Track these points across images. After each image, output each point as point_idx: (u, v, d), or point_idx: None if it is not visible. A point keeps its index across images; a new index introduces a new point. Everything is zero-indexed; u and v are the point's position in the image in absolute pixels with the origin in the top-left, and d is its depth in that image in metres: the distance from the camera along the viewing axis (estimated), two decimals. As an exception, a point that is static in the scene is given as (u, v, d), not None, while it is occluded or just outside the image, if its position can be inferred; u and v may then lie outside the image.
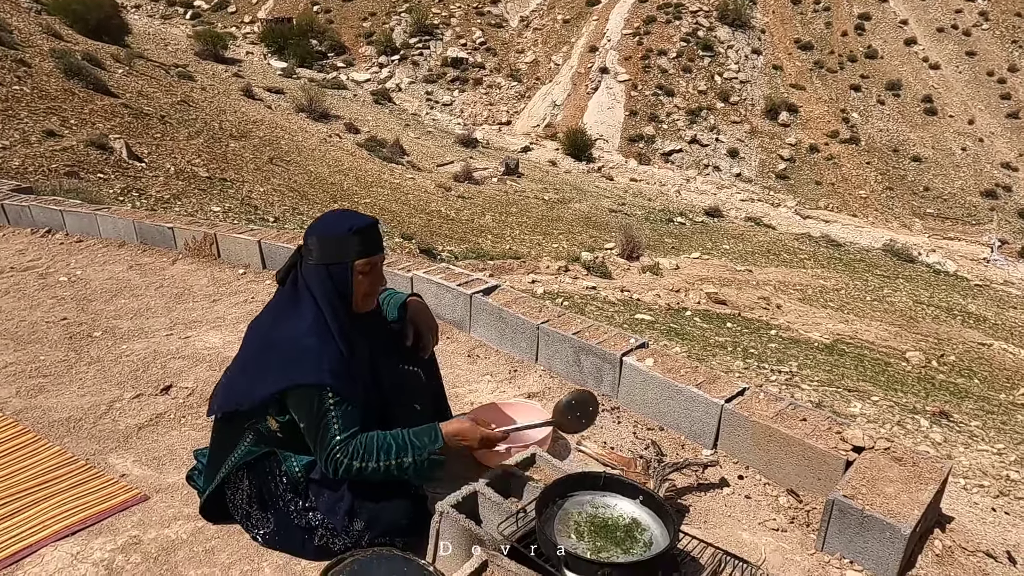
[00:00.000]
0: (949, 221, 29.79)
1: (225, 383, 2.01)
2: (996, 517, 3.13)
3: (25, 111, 11.71)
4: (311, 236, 1.89)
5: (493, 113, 34.88)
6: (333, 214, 1.96)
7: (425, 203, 15.96)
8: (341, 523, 1.88)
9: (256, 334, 1.97)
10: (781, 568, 1.94)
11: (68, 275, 4.58)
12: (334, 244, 1.86)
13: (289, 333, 1.86)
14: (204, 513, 2.08)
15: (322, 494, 1.92)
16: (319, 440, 1.83)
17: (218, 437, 2.03)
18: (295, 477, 1.92)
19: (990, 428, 5.40)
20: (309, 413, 1.82)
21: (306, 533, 1.92)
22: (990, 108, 35.67)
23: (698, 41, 37.43)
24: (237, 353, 2.03)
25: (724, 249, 15.44)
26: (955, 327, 10.52)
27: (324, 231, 1.89)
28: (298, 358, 1.81)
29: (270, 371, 1.84)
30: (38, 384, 2.98)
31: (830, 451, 2.18)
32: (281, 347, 1.85)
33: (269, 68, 30.30)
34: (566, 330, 2.97)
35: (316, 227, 1.92)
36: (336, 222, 1.90)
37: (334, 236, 1.87)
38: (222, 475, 1.99)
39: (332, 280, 1.87)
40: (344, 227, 1.87)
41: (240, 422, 1.94)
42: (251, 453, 1.94)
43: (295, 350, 1.83)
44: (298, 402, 1.83)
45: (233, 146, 15.11)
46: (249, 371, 1.91)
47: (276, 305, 1.97)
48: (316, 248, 1.87)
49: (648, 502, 1.78)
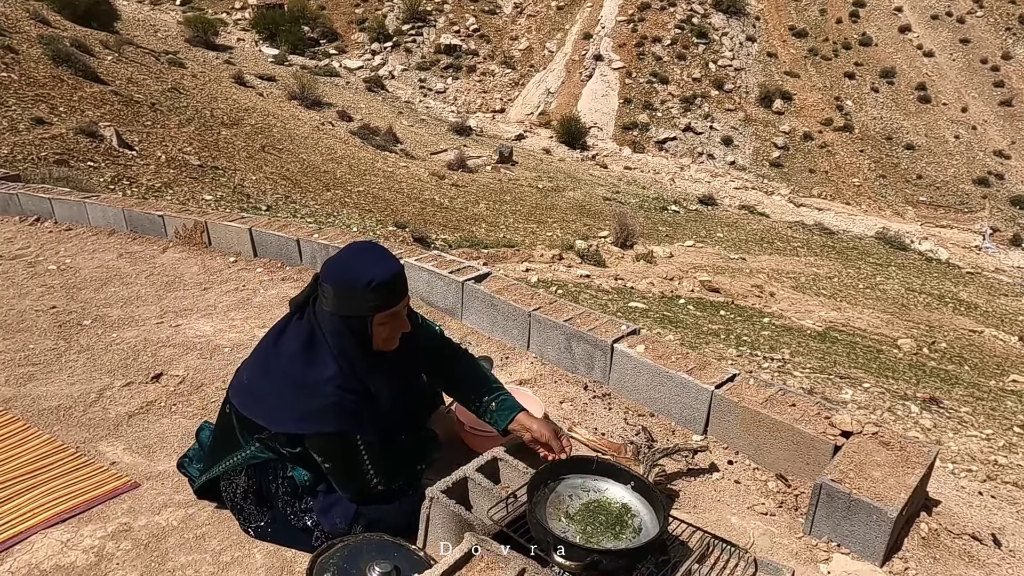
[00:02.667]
0: (942, 209, 29.88)
1: (245, 389, 1.89)
2: (983, 501, 3.16)
3: (13, 98, 11.58)
4: (327, 283, 1.75)
5: (487, 101, 34.69)
6: (354, 257, 1.77)
7: (419, 191, 15.90)
8: (339, 528, 1.86)
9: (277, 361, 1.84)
10: (769, 551, 1.96)
11: (57, 263, 4.55)
12: (351, 297, 1.72)
13: (313, 378, 1.77)
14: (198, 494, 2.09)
15: (321, 506, 1.89)
16: (349, 477, 1.83)
17: (225, 430, 1.97)
18: (301, 484, 1.90)
19: (980, 414, 5.45)
20: (335, 457, 1.81)
21: (303, 533, 1.91)
22: (983, 96, 35.70)
23: (693, 28, 37.24)
24: (254, 361, 1.91)
25: (718, 237, 15.46)
26: (946, 314, 10.59)
27: (341, 282, 1.73)
28: (324, 407, 1.74)
29: (294, 410, 1.77)
30: (27, 372, 2.97)
31: (819, 436, 2.19)
32: (306, 389, 1.77)
33: (261, 55, 30.02)
34: (557, 317, 2.97)
35: (333, 271, 1.75)
36: (355, 271, 1.72)
37: (351, 290, 1.71)
38: (219, 471, 1.96)
39: (350, 331, 1.77)
40: (364, 279, 1.70)
41: (251, 430, 1.88)
42: (255, 458, 1.90)
43: (320, 397, 1.75)
44: (323, 447, 1.79)
45: (225, 134, 15.00)
46: (269, 400, 1.82)
47: (295, 339, 1.83)
48: (332, 297, 1.74)
49: (639, 487, 1.79)
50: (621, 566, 1.59)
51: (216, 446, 2.02)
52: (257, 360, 1.91)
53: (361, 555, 1.69)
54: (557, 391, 2.82)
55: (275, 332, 1.91)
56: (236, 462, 1.93)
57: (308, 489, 1.90)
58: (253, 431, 1.87)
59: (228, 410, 1.95)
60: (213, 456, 2.02)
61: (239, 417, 1.90)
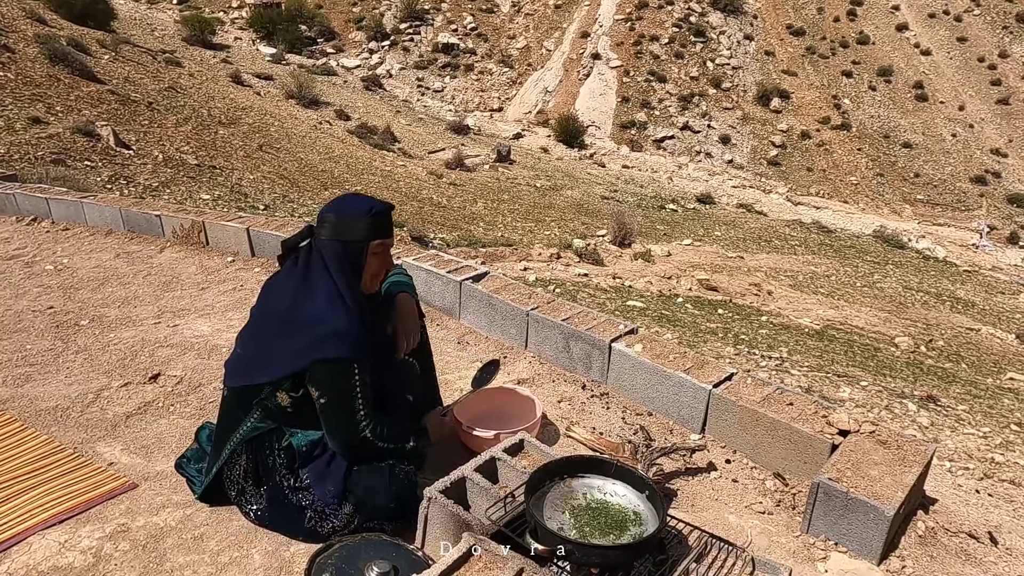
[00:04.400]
0: (939, 207, 29.94)
1: (240, 358, 2.00)
2: (980, 499, 3.17)
3: (9, 98, 11.54)
4: (330, 212, 1.96)
5: (484, 99, 34.67)
6: (354, 196, 2.07)
7: (416, 190, 15.89)
8: (331, 505, 1.90)
9: (270, 310, 1.97)
10: (767, 550, 1.96)
11: (54, 263, 4.54)
12: (353, 223, 1.93)
13: (311, 308, 1.88)
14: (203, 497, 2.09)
15: (315, 474, 1.93)
16: (342, 413, 1.87)
17: (225, 414, 2.03)
18: (298, 451, 1.94)
19: (977, 412, 5.46)
20: (333, 388, 1.86)
21: (297, 512, 1.93)
22: (980, 94, 35.76)
23: (690, 27, 37.27)
24: (246, 329, 2.03)
25: (716, 236, 15.47)
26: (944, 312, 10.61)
27: (344, 210, 1.96)
28: (326, 333, 1.84)
29: (295, 346, 1.86)
30: (25, 373, 2.96)
31: (816, 435, 2.20)
32: (305, 322, 1.87)
33: (258, 54, 29.94)
34: (555, 316, 2.97)
35: (335, 204, 2.00)
36: (356, 203, 1.99)
37: (353, 215, 1.94)
38: (227, 452, 1.99)
39: (347, 255, 1.93)
40: (364, 208, 1.96)
41: (249, 398, 1.95)
42: (256, 429, 1.95)
43: (322, 324, 1.85)
44: (323, 376, 1.85)
45: (222, 133, 14.97)
46: (270, 346, 1.92)
47: (286, 282, 1.98)
48: (335, 224, 1.94)
49: (640, 487, 1.79)
50: (611, 563, 1.59)
51: (219, 436, 2.04)
52: (247, 332, 2.03)
53: (359, 555, 1.69)
54: (555, 390, 2.82)
55: (264, 298, 2.03)
56: (240, 437, 1.96)
57: (305, 456, 1.94)
58: (252, 398, 1.93)
59: (227, 393, 2.02)
60: (216, 448, 2.04)
61: (239, 392, 1.96)
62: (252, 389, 1.94)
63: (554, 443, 2.45)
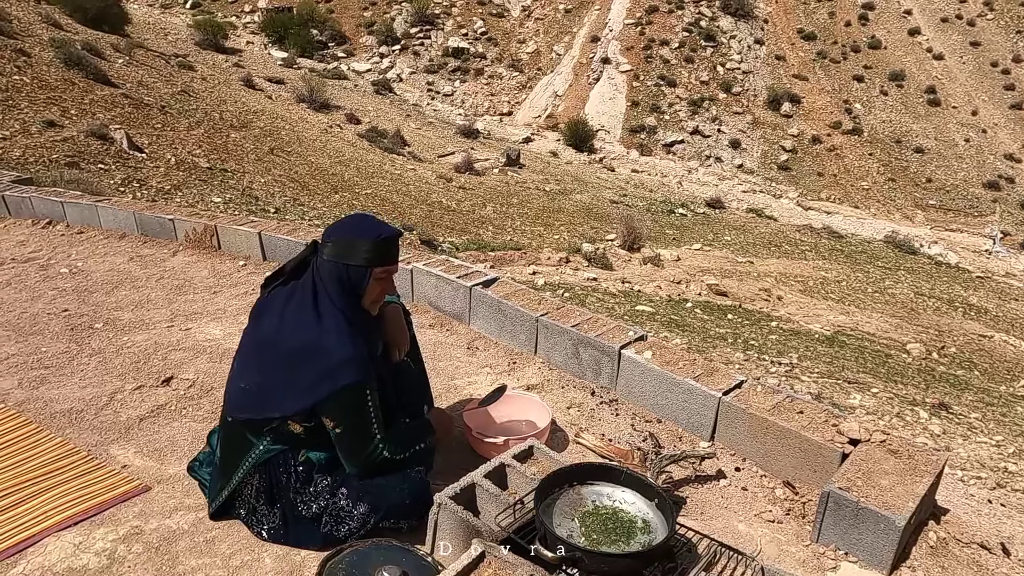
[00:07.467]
0: (951, 212, 29.68)
1: (245, 393, 1.95)
2: (992, 509, 3.14)
3: (25, 101, 11.68)
4: (336, 234, 1.93)
5: (494, 103, 34.73)
6: (362, 218, 2.02)
7: (426, 194, 15.93)
8: (346, 508, 1.91)
9: (268, 340, 1.92)
10: (776, 559, 1.96)
11: (69, 266, 4.59)
12: (359, 246, 1.90)
13: (316, 338, 1.85)
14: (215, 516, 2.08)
15: (327, 481, 1.94)
16: (357, 440, 1.88)
17: (230, 440, 2.00)
18: (317, 464, 1.94)
19: (989, 420, 5.42)
20: (350, 414, 1.87)
21: (313, 522, 1.94)
22: (993, 99, 35.46)
23: (700, 31, 37.18)
24: (245, 360, 1.98)
25: (725, 240, 15.42)
26: (956, 319, 10.52)
27: (353, 234, 1.93)
28: (337, 363, 1.83)
29: (305, 380, 1.83)
30: (40, 375, 3.00)
31: (826, 443, 2.19)
32: (312, 354, 1.84)
33: (269, 58, 30.14)
34: (565, 322, 2.98)
35: (343, 227, 1.97)
36: (365, 227, 1.95)
37: (360, 239, 1.91)
38: (238, 478, 1.97)
39: (349, 279, 1.91)
40: (372, 233, 1.92)
41: (259, 426, 1.93)
42: (270, 451, 1.93)
43: (331, 355, 1.83)
44: (337, 407, 1.85)
45: (234, 136, 15.08)
46: (279, 381, 1.88)
47: (283, 308, 1.93)
48: (339, 247, 1.91)
49: (649, 494, 1.79)
50: (620, 571, 1.59)
51: (226, 459, 2.02)
52: (247, 363, 1.98)
53: (370, 560, 1.70)
54: (564, 396, 2.82)
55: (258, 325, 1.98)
56: (252, 462, 1.95)
57: (325, 468, 1.95)
58: (263, 426, 1.92)
59: (230, 419, 1.98)
60: (225, 470, 2.01)
61: (245, 421, 1.94)
62: (261, 420, 1.92)
63: (563, 449, 2.45)
